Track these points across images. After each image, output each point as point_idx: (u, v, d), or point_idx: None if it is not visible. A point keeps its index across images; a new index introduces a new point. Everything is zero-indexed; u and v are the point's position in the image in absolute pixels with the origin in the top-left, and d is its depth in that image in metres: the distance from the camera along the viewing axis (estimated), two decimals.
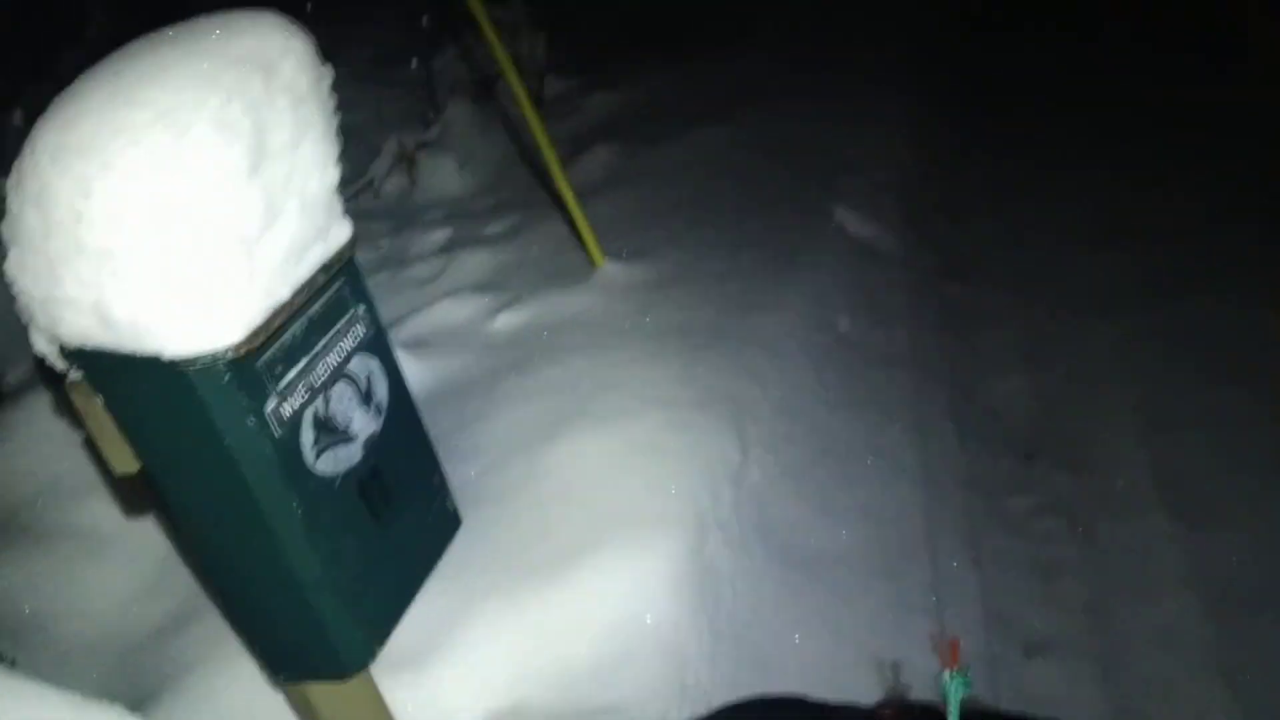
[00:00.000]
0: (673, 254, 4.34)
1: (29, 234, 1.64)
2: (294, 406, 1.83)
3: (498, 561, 2.80)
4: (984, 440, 3.68)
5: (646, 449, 3.10)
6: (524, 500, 2.97)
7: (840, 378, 3.77)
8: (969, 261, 4.74)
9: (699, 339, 3.66)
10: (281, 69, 1.81)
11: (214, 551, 1.92)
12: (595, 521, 2.86)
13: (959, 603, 2.99)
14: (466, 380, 3.73)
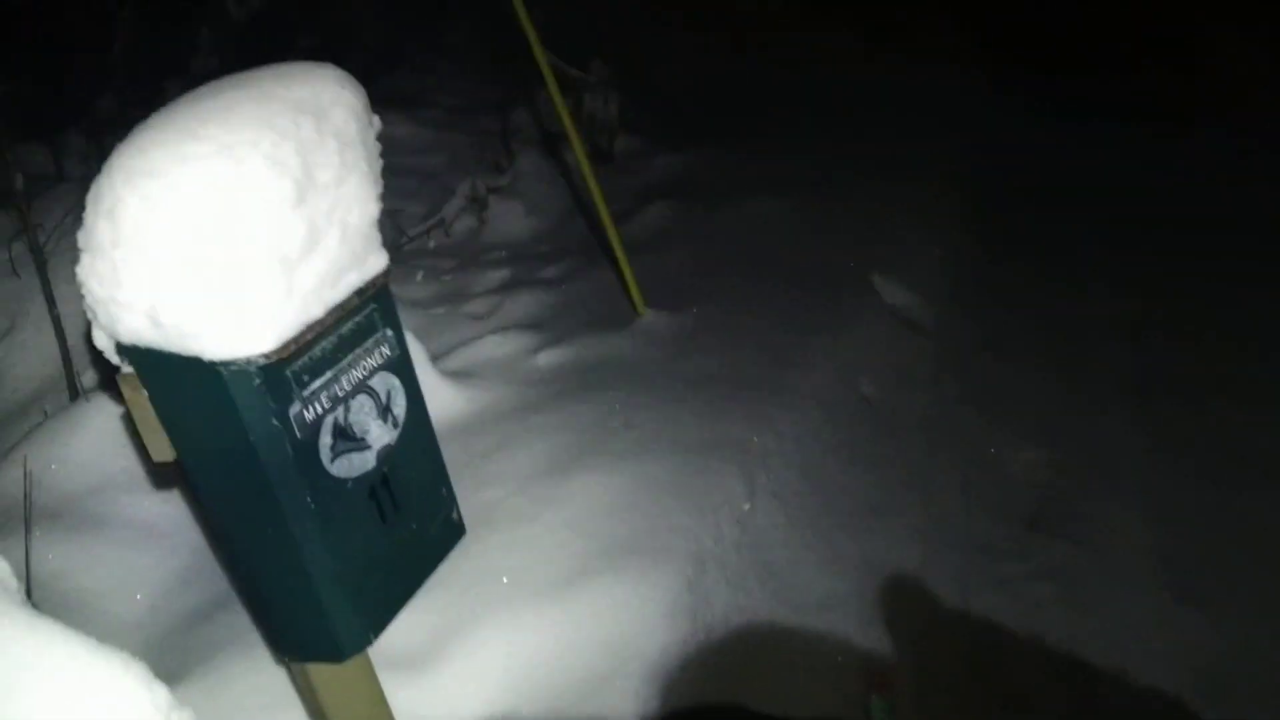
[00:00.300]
0: (712, 308, 4.53)
1: (99, 242, 1.88)
2: (316, 412, 2.03)
3: (506, 578, 2.97)
4: (990, 508, 3.78)
5: (656, 486, 3.27)
6: (537, 525, 3.15)
7: (856, 437, 3.91)
8: (1002, 338, 4.84)
9: (723, 389, 3.84)
10: (332, 115, 2.04)
11: (234, 537, 2.13)
12: (600, 550, 3.04)
13: (942, 656, 3.10)
14: (503, 410, 3.93)
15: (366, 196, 2.13)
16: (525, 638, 2.82)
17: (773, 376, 3.97)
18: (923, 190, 5.88)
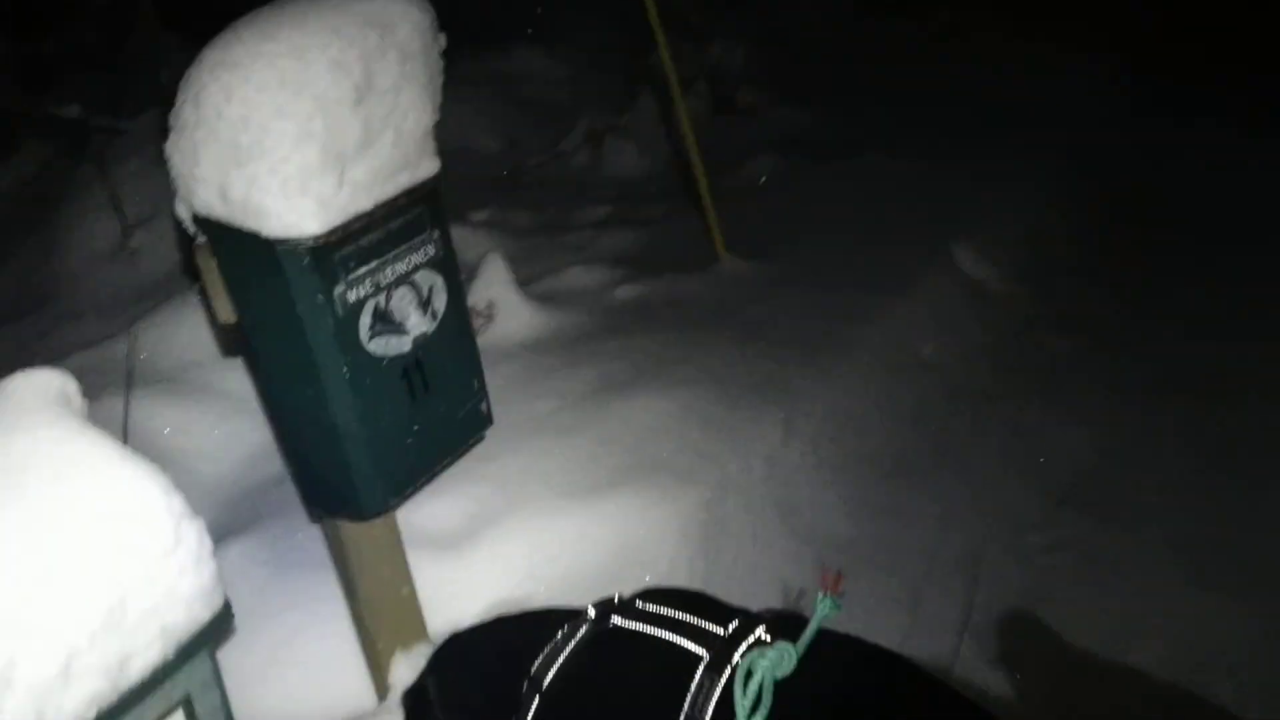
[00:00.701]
0: (791, 258, 4.66)
1: (184, 122, 2.14)
2: (358, 295, 2.26)
3: (542, 481, 3.20)
4: (1024, 478, 3.83)
5: (695, 416, 3.45)
6: (577, 438, 3.36)
7: (906, 397, 4.01)
8: (1077, 323, 4.82)
9: (782, 335, 3.98)
10: (398, 30, 2.26)
11: (280, 399, 2.39)
12: (630, 465, 3.23)
13: (940, 606, 3.21)
14: (573, 335, 4.15)
15: (423, 106, 2.34)
16: (548, 534, 3.04)
17: (835, 329, 4.09)
18: (1027, 171, 5.84)
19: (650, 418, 3.45)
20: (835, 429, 3.70)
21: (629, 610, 1.94)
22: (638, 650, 1.86)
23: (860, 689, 1.72)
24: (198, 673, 1.74)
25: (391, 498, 2.42)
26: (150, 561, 1.63)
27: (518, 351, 4.15)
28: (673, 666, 1.77)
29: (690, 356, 3.80)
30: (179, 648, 1.68)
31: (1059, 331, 4.71)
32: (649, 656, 1.83)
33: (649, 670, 1.82)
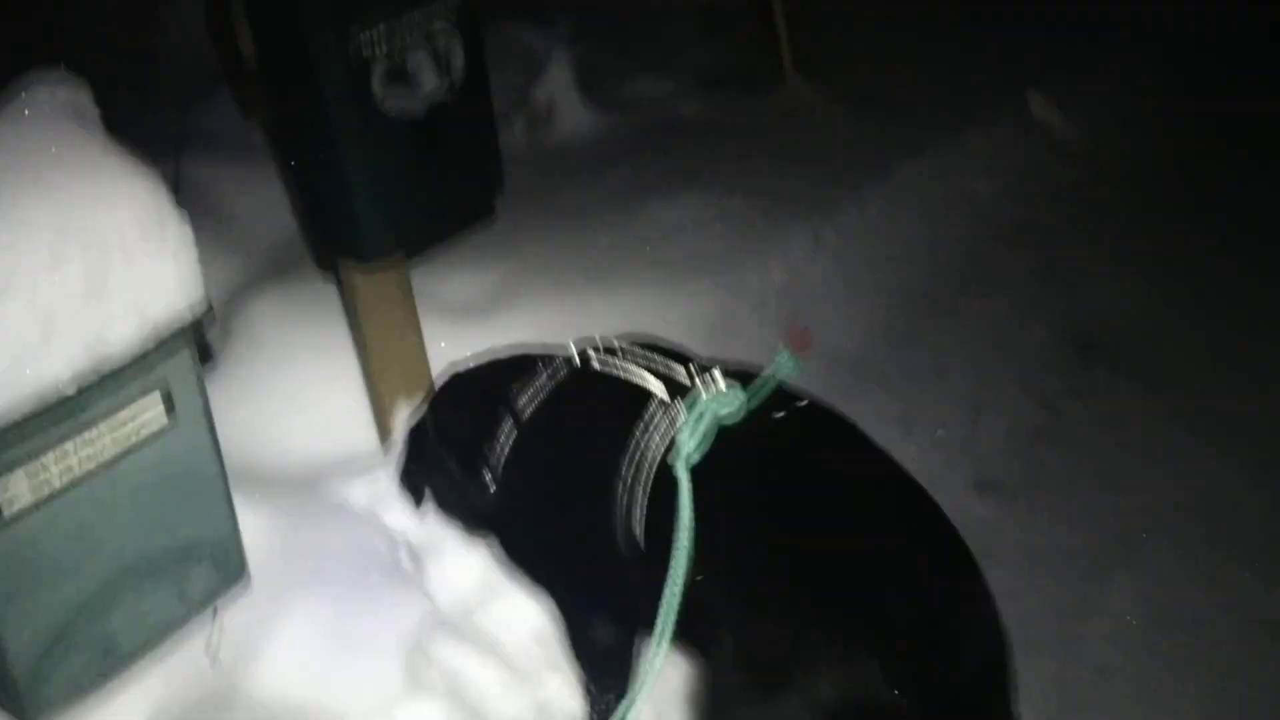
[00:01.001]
0: (858, 83, 4.56)
1: None
2: (373, 50, 2.33)
3: (564, 266, 3.30)
4: (1052, 325, 3.79)
5: (722, 222, 3.50)
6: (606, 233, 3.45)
7: (945, 229, 3.98)
8: (1140, 189, 4.64)
9: (829, 158, 3.97)
10: None
11: (293, 139, 2.50)
12: (654, 261, 3.31)
13: (938, 431, 3.26)
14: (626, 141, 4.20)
15: None
16: (562, 314, 3.13)
17: (887, 158, 4.05)
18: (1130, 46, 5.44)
19: (678, 219, 3.51)
20: (868, 253, 3.70)
21: (607, 352, 2.06)
22: (607, 387, 2.00)
23: (799, 441, 1.82)
24: (176, 363, 1.90)
25: (394, 243, 2.53)
26: (131, 245, 1.76)
27: (567, 151, 4.21)
28: (634, 402, 1.90)
29: (733, 169, 3.83)
30: (157, 334, 1.83)
31: (1120, 193, 4.55)
32: (615, 393, 1.97)
33: (613, 405, 1.96)
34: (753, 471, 1.76)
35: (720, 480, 1.73)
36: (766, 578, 1.66)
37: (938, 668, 1.50)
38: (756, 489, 1.74)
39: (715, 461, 1.75)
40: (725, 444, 1.77)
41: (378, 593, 2.36)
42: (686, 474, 1.72)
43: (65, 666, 1.90)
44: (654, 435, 1.84)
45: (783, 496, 1.70)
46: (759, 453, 1.78)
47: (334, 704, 2.23)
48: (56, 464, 1.75)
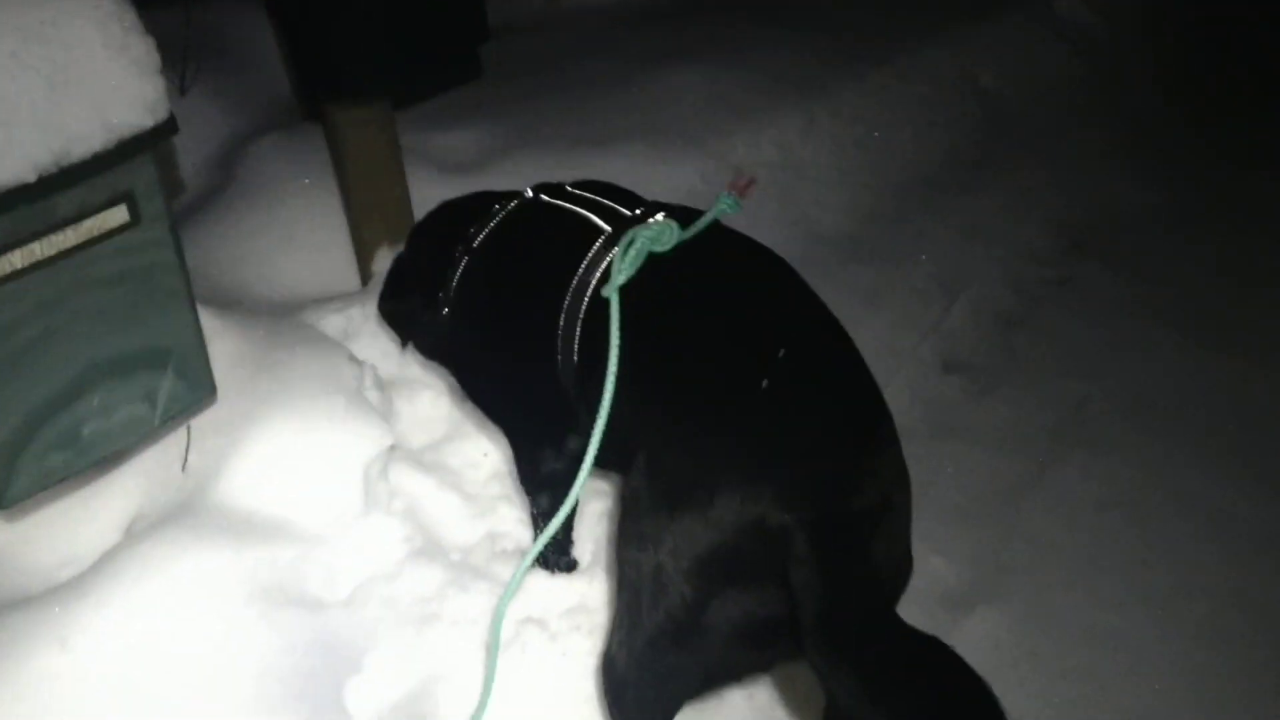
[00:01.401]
0: None
1: None
2: None
3: (557, 127, 3.33)
4: (1048, 220, 3.78)
5: (714, 94, 3.50)
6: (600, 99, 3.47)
7: (947, 119, 3.94)
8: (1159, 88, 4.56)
9: (833, 39, 3.95)
10: None
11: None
12: (644, 127, 3.34)
13: (912, 308, 3.29)
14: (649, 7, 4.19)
15: None
16: (553, 171, 3.17)
17: (895, 40, 4.01)
18: None
19: (676, 92, 3.53)
20: (862, 136, 3.70)
21: (559, 192, 2.12)
22: (556, 222, 2.07)
23: (725, 273, 1.87)
24: (140, 173, 1.97)
25: (374, 84, 2.58)
26: (95, 54, 1.82)
27: (580, 22, 4.21)
28: (581, 236, 1.96)
29: (737, 47, 3.82)
30: (120, 143, 1.89)
31: (1129, 97, 4.48)
32: (563, 227, 2.03)
33: (560, 237, 2.02)
34: (676, 298, 1.82)
35: (648, 306, 1.78)
36: (678, 401, 1.72)
37: (830, 498, 1.55)
38: (678, 314, 1.80)
39: (645, 288, 1.81)
40: (657, 273, 1.82)
41: (342, 417, 2.44)
42: (616, 297, 1.78)
43: (34, 454, 2.01)
44: (596, 268, 1.90)
45: (700, 323, 1.76)
46: (685, 281, 1.83)
47: (296, 518, 2.34)
48: (22, 257, 1.84)
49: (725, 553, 1.53)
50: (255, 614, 2.13)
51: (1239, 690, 2.29)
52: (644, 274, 1.83)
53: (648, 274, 1.84)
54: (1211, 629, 2.44)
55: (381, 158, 2.80)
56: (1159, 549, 2.65)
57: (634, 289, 1.82)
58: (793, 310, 1.83)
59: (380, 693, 2.19)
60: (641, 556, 1.65)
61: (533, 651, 2.23)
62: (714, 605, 1.57)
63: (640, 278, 1.83)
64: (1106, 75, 4.49)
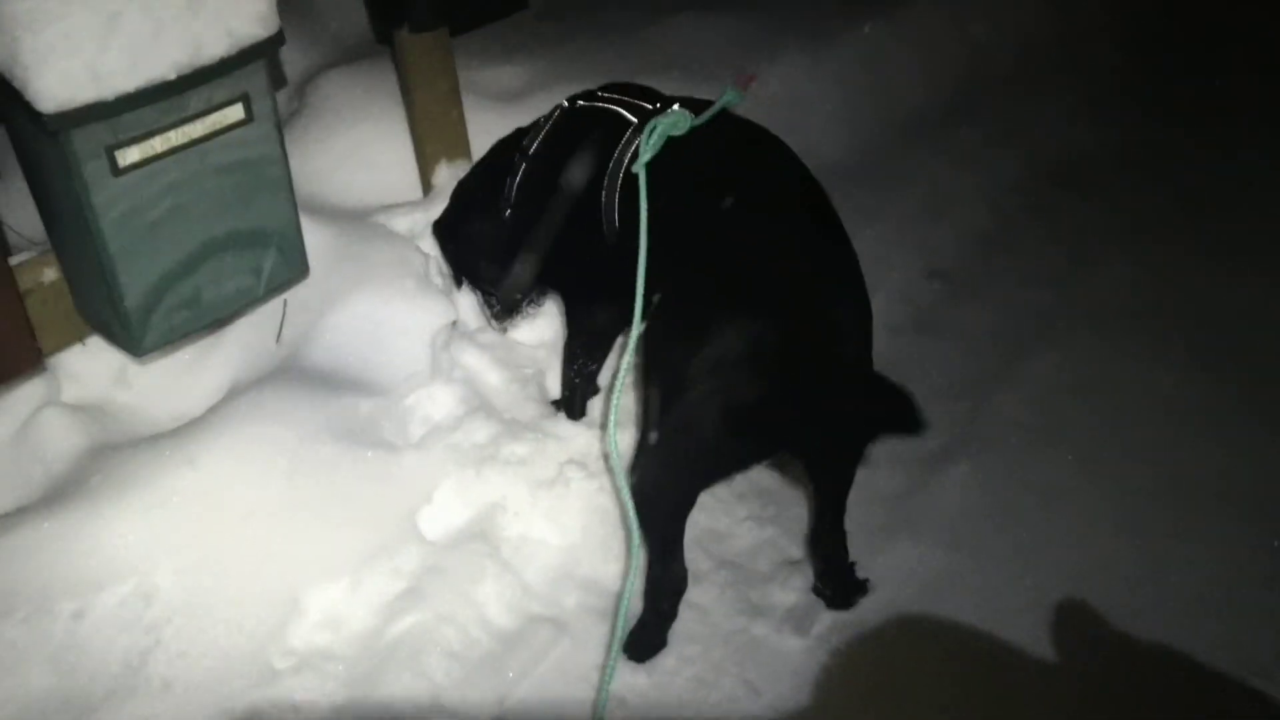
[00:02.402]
0: None
1: None
2: None
3: (590, 64, 3.60)
4: (1025, 156, 4.05)
5: (725, 38, 3.79)
6: (631, 42, 3.75)
7: (940, 68, 4.21)
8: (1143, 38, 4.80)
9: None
10: None
11: None
12: (666, 64, 3.62)
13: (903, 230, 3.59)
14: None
15: None
16: None
17: None
18: None
19: (695, 36, 3.81)
20: (863, 79, 3.97)
21: (592, 97, 2.45)
22: (593, 119, 2.39)
23: (729, 146, 2.19)
24: (255, 77, 2.28)
25: (440, 15, 2.87)
26: None
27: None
28: (613, 128, 2.29)
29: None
30: (240, 50, 2.21)
31: (1114, 45, 4.74)
32: (599, 124, 2.35)
33: (597, 131, 2.34)
34: (691, 171, 2.14)
35: (669, 178, 2.11)
36: (690, 255, 2.04)
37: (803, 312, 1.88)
38: (691, 185, 2.12)
39: (668, 165, 2.13)
40: (677, 152, 2.15)
41: (412, 296, 2.76)
42: (644, 173, 2.10)
43: (164, 312, 2.34)
44: (627, 151, 2.22)
45: (707, 190, 2.08)
46: (698, 157, 2.15)
47: (374, 377, 2.67)
48: (161, 143, 2.16)
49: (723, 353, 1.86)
50: (341, 450, 2.45)
51: (1174, 545, 2.57)
52: (666, 153, 2.15)
53: (669, 153, 2.16)
54: (1153, 493, 2.72)
55: (443, 83, 3.09)
56: (1110, 425, 2.93)
57: (659, 166, 2.14)
58: (781, 174, 2.15)
59: (448, 519, 2.52)
60: (659, 372, 1.98)
61: (575, 487, 2.57)
62: (716, 396, 1.89)
63: (663, 156, 2.15)
64: (1084, 26, 4.75)
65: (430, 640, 2.24)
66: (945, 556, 2.55)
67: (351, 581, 2.34)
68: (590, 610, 2.38)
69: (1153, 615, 2.42)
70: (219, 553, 2.25)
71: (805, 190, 2.13)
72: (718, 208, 2.04)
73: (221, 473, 2.30)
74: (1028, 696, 2.25)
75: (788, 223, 2.03)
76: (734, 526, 2.62)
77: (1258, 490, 2.70)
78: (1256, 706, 2.24)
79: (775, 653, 2.34)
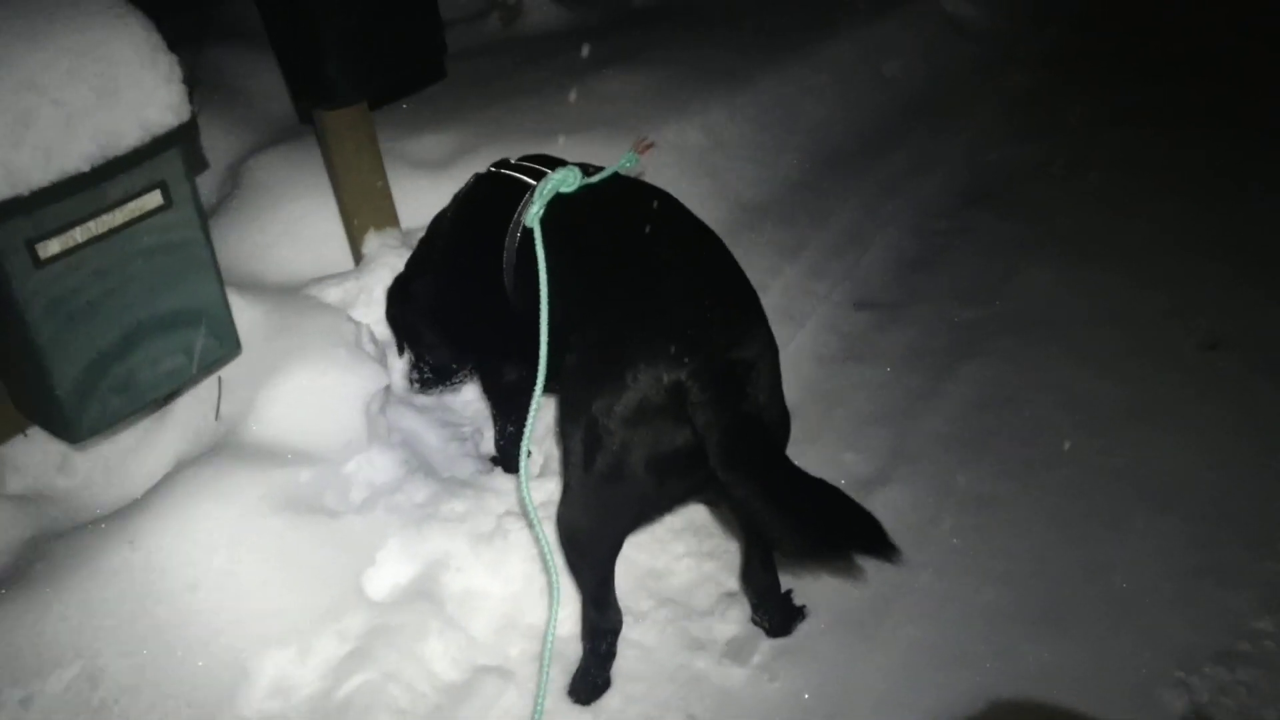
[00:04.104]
0: None
1: None
2: None
3: (517, 126, 3.71)
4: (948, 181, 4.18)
5: (649, 90, 3.91)
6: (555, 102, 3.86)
7: (855, 102, 4.34)
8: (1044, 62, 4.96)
9: (753, 37, 4.34)
10: None
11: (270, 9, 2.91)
12: (589, 121, 3.73)
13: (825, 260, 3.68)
14: (586, 30, 4.60)
15: None
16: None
17: (803, 37, 4.41)
18: None
19: (617, 91, 3.91)
20: (781, 119, 4.09)
21: (504, 165, 2.52)
22: (501, 185, 2.45)
23: (619, 202, 2.26)
24: (171, 164, 2.34)
25: (356, 89, 2.95)
26: (133, 69, 2.21)
27: (534, 40, 4.61)
28: (517, 191, 2.35)
29: (664, 49, 4.21)
30: (154, 138, 2.27)
31: (1019, 71, 4.89)
32: (509, 189, 2.41)
33: (504, 196, 2.40)
34: (587, 227, 2.21)
35: (565, 235, 2.18)
36: (591, 301, 2.11)
37: (713, 354, 1.94)
38: (588, 239, 2.19)
39: (566, 223, 2.20)
40: (575, 212, 2.22)
41: (345, 365, 2.81)
42: (538, 226, 2.18)
43: (98, 398, 2.38)
44: (525, 210, 2.30)
45: (604, 242, 2.16)
46: (593, 215, 2.23)
47: (312, 446, 2.71)
48: (81, 233, 2.22)
49: (639, 403, 1.92)
50: (283, 520, 2.49)
51: (1100, 542, 2.66)
52: (567, 213, 2.22)
53: (570, 213, 2.23)
54: (1077, 493, 2.80)
55: (364, 151, 3.17)
56: (1031, 428, 3.02)
57: (559, 225, 2.21)
58: (675, 226, 2.22)
59: (392, 579, 2.55)
60: (580, 423, 2.03)
61: (514, 538, 2.61)
62: (636, 446, 1.95)
63: (564, 216, 2.22)
64: (992, 57, 4.90)
65: (378, 700, 2.27)
66: (879, 575, 2.60)
67: (299, 647, 2.36)
68: (535, 657, 2.41)
69: (1085, 611, 2.49)
70: (164, 629, 2.28)
71: (702, 239, 2.20)
72: (621, 262, 2.11)
73: (162, 550, 2.34)
74: (967, 701, 2.30)
75: (691, 271, 2.09)
76: (672, 564, 2.66)
77: (1175, 484, 2.78)
78: (1183, 697, 2.29)
79: (718, 685, 2.38)
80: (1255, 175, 4.15)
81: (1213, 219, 3.88)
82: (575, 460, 2.08)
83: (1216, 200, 3.99)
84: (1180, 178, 4.13)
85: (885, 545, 1.82)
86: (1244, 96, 4.72)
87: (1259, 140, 4.36)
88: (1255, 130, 4.43)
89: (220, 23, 4.36)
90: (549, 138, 3.63)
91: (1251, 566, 2.59)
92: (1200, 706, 2.29)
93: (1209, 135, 4.39)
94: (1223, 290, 3.51)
